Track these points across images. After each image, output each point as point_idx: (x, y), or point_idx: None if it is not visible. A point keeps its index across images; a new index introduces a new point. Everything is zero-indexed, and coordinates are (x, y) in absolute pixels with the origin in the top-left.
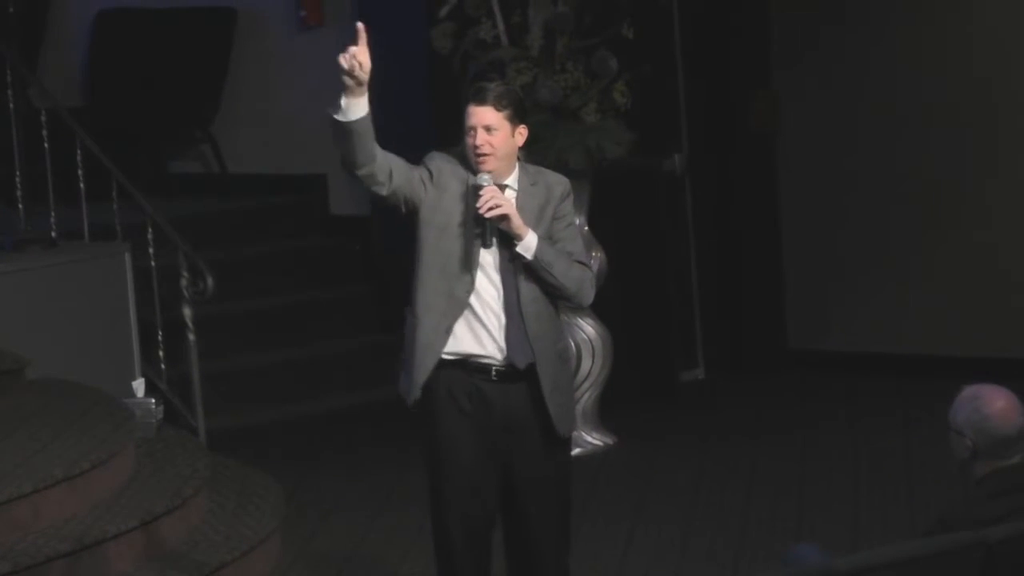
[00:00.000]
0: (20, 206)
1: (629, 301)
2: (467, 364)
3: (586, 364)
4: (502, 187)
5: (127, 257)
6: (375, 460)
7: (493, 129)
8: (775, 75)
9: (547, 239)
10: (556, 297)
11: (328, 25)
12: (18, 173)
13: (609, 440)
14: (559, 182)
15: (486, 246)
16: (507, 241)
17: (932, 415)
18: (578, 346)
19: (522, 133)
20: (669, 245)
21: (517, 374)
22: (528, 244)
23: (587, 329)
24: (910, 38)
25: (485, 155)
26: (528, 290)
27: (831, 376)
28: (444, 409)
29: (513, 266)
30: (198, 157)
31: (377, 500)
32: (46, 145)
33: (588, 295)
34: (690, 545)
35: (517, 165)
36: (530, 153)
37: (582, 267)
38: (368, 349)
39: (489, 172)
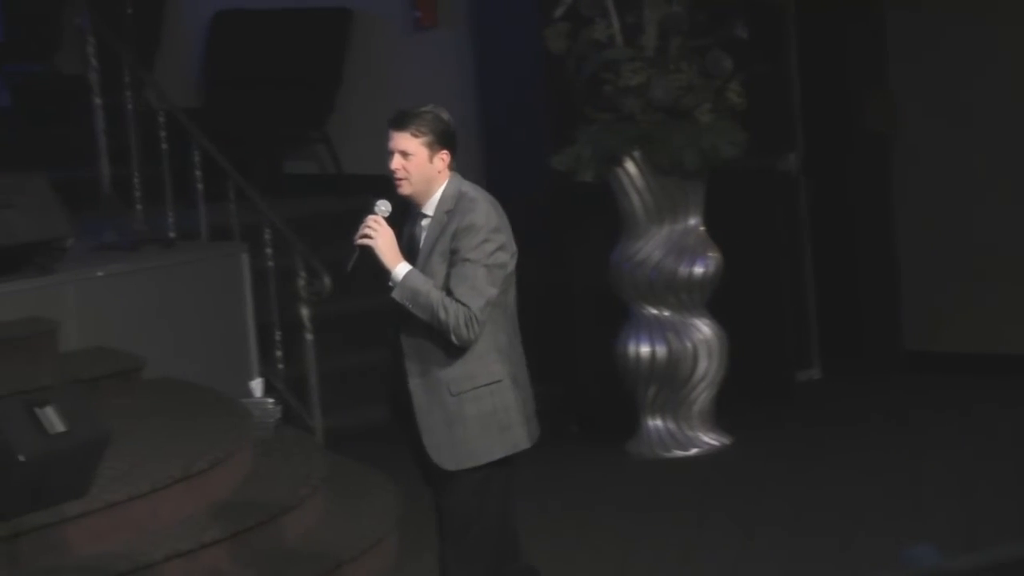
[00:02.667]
0: (138, 206)
1: (745, 301)
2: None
3: (702, 364)
4: (421, 216)
5: (244, 257)
6: None
7: (409, 155)
8: (892, 74)
9: (429, 273)
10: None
11: (443, 26)
12: (136, 174)
13: (725, 440)
14: (460, 214)
15: (345, 269)
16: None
17: None
18: (695, 346)
19: (443, 159)
20: (784, 245)
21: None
22: (394, 278)
23: (703, 329)
24: None
25: (400, 179)
26: (408, 325)
27: (946, 377)
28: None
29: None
30: (313, 157)
31: None
32: (164, 146)
33: (462, 334)
34: (804, 545)
35: (441, 191)
36: (645, 154)
37: (457, 305)
38: None
39: (387, 201)
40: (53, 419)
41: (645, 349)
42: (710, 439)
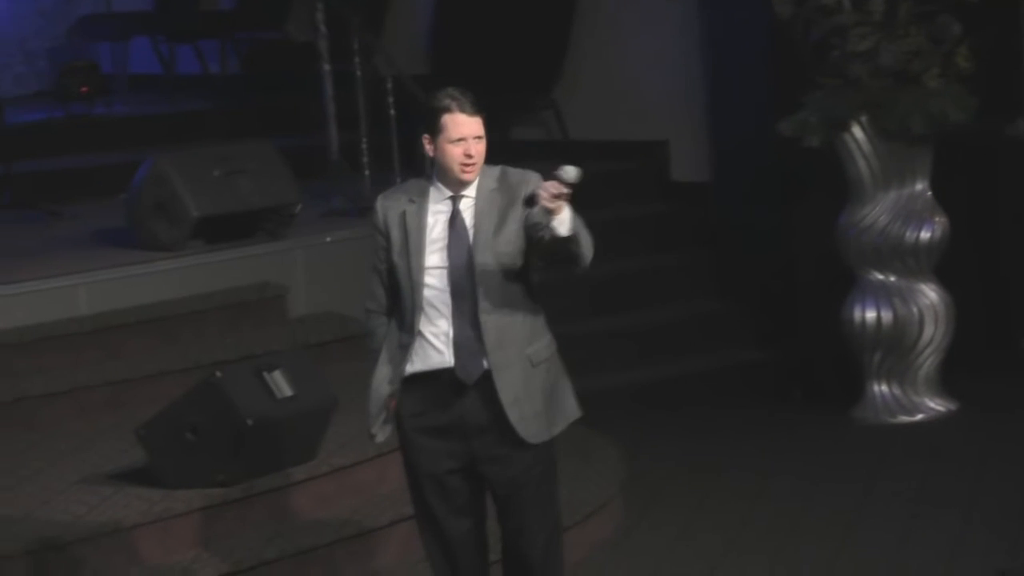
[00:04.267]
0: (366, 172)
1: (972, 266)
2: (422, 376)
3: (928, 330)
4: (459, 198)
5: None
6: (714, 425)
7: (482, 138)
8: None
9: (505, 243)
10: (566, 263)
11: None
12: (364, 140)
13: (951, 406)
14: (521, 182)
15: (548, 228)
16: (467, 258)
17: None
18: (921, 312)
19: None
20: (1011, 210)
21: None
22: (564, 218)
23: (930, 295)
24: None
25: (475, 164)
26: (486, 303)
27: None
28: (410, 426)
29: (468, 281)
30: (540, 124)
31: (717, 466)
32: (391, 112)
33: (590, 259)
34: None
35: (480, 172)
36: (872, 119)
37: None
38: (707, 315)
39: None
40: (281, 384)
41: (871, 315)
42: (936, 405)
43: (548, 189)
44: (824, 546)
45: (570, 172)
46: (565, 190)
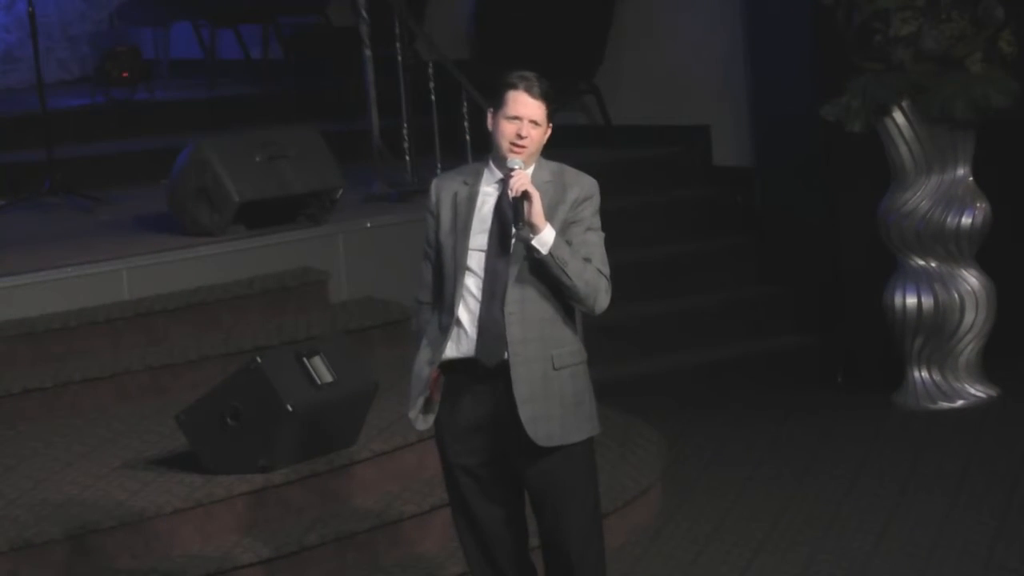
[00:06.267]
0: (407, 157)
1: (1013, 252)
2: (455, 364)
3: (969, 316)
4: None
5: None
6: (757, 411)
7: (538, 124)
8: None
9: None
10: (568, 299)
11: None
12: (405, 125)
13: (992, 392)
14: (576, 184)
15: (517, 228)
16: (507, 242)
17: None
18: (962, 298)
19: (548, 132)
20: None
21: (493, 372)
22: (544, 238)
23: (971, 280)
24: None
25: (523, 147)
26: (517, 292)
27: None
28: (444, 414)
29: (503, 265)
30: (582, 108)
31: (758, 451)
32: (432, 97)
33: (602, 302)
34: None
35: (535, 162)
36: (914, 103)
37: (598, 274)
38: (749, 300)
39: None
40: (321, 369)
41: (912, 300)
42: (977, 391)
43: (513, 184)
44: (864, 535)
45: (513, 162)
46: (524, 180)
